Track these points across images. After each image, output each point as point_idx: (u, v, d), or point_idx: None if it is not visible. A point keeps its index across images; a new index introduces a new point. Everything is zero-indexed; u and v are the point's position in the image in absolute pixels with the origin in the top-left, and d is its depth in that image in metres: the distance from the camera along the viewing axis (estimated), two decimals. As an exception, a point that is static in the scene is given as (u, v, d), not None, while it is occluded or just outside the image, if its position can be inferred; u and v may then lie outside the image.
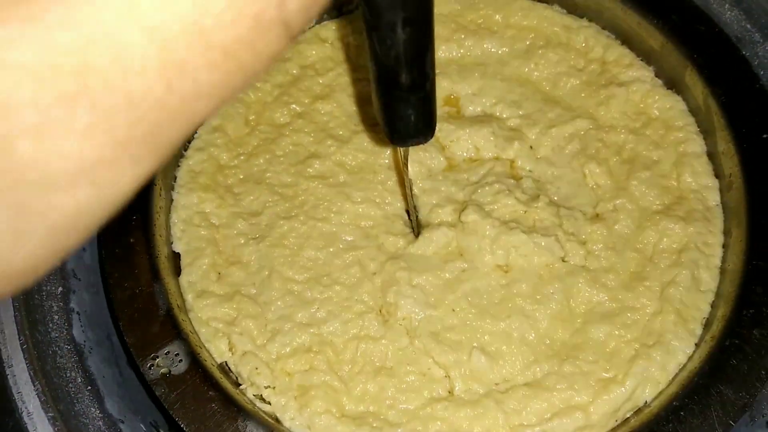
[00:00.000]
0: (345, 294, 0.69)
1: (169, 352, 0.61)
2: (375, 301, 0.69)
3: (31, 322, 0.63)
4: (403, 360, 0.66)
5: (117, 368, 0.65)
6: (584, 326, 0.67)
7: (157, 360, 0.61)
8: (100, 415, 0.61)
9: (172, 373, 0.61)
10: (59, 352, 0.63)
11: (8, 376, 0.60)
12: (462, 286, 0.69)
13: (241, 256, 0.71)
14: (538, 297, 0.69)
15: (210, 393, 0.60)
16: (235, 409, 0.60)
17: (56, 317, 0.65)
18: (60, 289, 0.66)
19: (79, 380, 0.62)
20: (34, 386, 0.60)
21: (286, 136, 0.78)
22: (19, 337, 0.62)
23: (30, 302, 0.64)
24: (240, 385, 0.65)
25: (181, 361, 0.61)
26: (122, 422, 0.62)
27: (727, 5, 0.79)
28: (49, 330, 0.64)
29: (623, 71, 0.79)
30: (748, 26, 0.78)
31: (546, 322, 0.68)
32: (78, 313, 0.66)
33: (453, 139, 0.76)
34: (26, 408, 0.59)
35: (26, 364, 0.61)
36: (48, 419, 0.59)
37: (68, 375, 0.62)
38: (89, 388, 0.62)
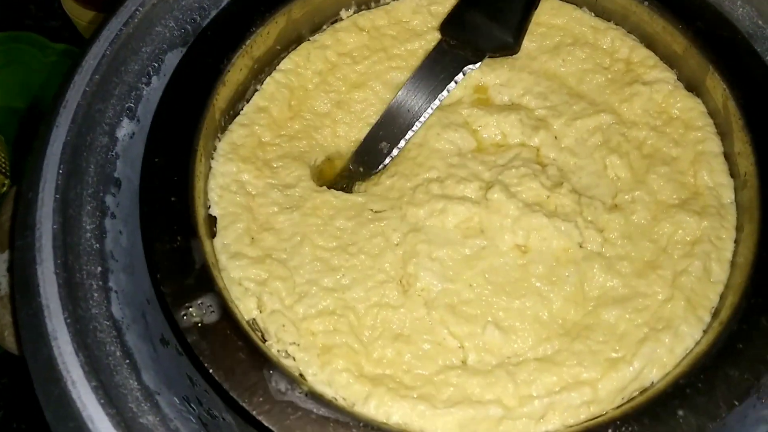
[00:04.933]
0: (369, 263, 0.72)
1: (202, 303, 0.65)
2: (396, 272, 0.72)
3: (73, 298, 0.66)
4: (420, 329, 0.69)
5: (151, 344, 0.69)
6: (596, 309, 0.70)
7: (191, 309, 0.65)
8: (137, 386, 0.64)
9: (204, 322, 0.64)
10: (99, 327, 0.66)
11: (53, 348, 0.63)
12: (480, 263, 0.72)
13: (274, 223, 0.75)
14: (553, 279, 0.71)
15: (239, 343, 0.64)
16: (261, 359, 0.63)
17: (96, 295, 0.68)
18: (99, 268, 0.69)
19: (118, 354, 0.65)
20: (78, 358, 0.63)
21: (327, 126, 0.83)
22: (63, 312, 0.65)
23: (72, 280, 0.67)
24: (266, 341, 0.68)
25: (213, 312, 0.65)
26: (158, 394, 0.65)
27: (739, 2, 0.82)
28: (90, 307, 0.67)
29: (647, 72, 0.82)
30: (760, 22, 0.81)
31: (559, 302, 0.70)
32: (116, 291, 0.69)
33: (482, 124, 0.80)
34: (71, 377, 0.62)
35: (70, 337, 0.64)
36: (91, 388, 0.62)
37: (108, 348, 0.66)
38: (127, 361, 0.65)
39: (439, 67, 0.82)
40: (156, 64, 0.79)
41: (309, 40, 0.88)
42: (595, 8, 0.87)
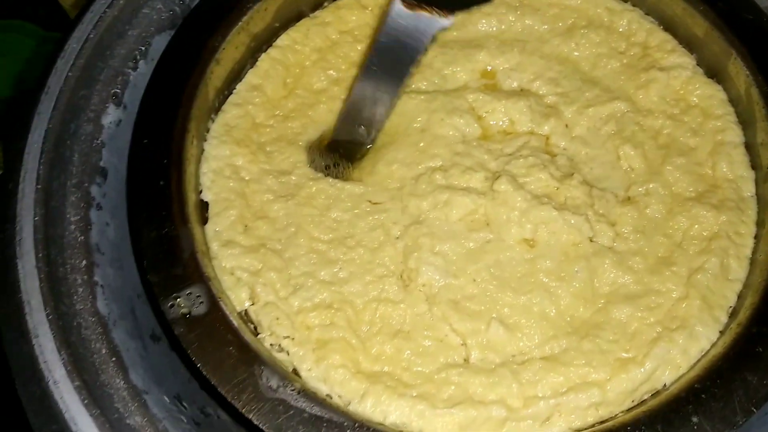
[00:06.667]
0: (367, 257, 0.69)
1: (191, 293, 0.62)
2: (396, 266, 0.69)
3: (56, 294, 0.63)
4: (421, 325, 0.66)
5: (141, 341, 0.66)
6: (606, 306, 0.67)
7: (179, 300, 0.61)
8: (124, 385, 0.61)
9: (192, 314, 0.61)
10: (84, 323, 0.64)
11: (35, 346, 0.61)
12: (485, 257, 0.68)
13: (268, 212, 0.71)
14: (562, 274, 0.68)
15: (228, 336, 0.60)
16: (252, 354, 0.60)
17: (80, 290, 0.65)
18: (84, 262, 0.66)
19: (104, 351, 0.63)
20: (60, 356, 0.60)
21: (322, 103, 0.78)
22: (45, 309, 0.62)
23: (54, 275, 0.64)
24: (258, 334, 0.65)
25: (202, 303, 0.62)
26: (146, 393, 0.62)
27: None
28: (74, 302, 0.64)
29: (665, 56, 0.78)
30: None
31: (568, 299, 0.67)
32: (102, 286, 0.66)
33: (488, 110, 0.76)
34: (52, 377, 0.60)
35: (52, 334, 0.61)
36: (74, 388, 0.59)
37: (93, 346, 0.63)
38: (114, 359, 0.63)
39: (404, 33, 0.66)
40: (143, 48, 0.76)
41: (309, 16, 0.83)
42: (610, -12, 0.83)
